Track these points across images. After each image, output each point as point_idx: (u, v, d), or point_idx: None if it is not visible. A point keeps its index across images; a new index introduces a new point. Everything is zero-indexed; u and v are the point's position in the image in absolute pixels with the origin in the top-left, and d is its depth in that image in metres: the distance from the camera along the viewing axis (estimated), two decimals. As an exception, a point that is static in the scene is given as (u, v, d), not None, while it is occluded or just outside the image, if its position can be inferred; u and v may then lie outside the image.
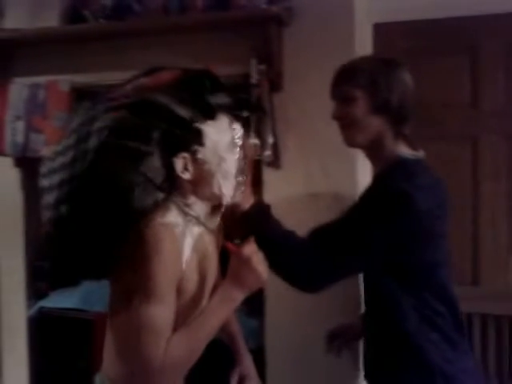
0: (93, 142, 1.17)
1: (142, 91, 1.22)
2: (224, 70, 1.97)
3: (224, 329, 1.49)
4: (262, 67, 1.90)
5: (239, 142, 1.27)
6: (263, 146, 1.94)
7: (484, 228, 2.10)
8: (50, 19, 2.16)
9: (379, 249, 1.32)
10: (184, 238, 1.21)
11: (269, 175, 2.01)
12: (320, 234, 1.40)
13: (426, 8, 2.01)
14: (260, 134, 1.94)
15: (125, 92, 1.23)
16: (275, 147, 1.96)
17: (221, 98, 1.24)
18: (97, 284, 1.42)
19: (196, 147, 1.20)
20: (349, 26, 1.87)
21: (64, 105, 2.19)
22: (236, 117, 1.30)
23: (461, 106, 2.10)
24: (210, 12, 1.95)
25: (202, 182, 1.23)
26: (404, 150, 1.40)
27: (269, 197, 2.01)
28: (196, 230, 1.25)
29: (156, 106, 1.20)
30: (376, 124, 1.39)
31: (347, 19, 1.87)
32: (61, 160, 1.22)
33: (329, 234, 1.37)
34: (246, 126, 1.91)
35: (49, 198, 1.22)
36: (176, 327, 1.18)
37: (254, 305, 2.18)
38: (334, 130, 1.89)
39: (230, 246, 1.25)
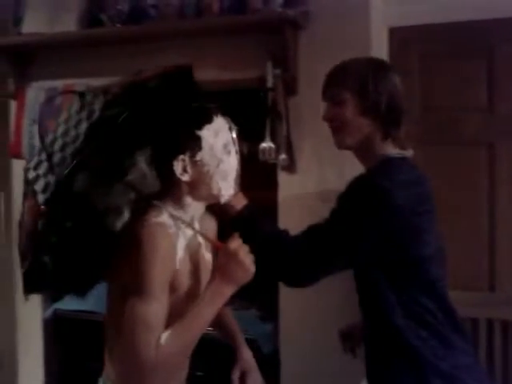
0: (83, 127, 1.25)
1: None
2: (239, 74, 1.99)
3: (222, 326, 1.52)
4: (278, 71, 1.90)
5: (235, 141, 1.30)
6: (278, 149, 1.94)
7: (500, 232, 2.08)
8: (68, 24, 2.19)
9: (360, 243, 1.34)
10: (177, 238, 1.23)
11: (284, 179, 2.01)
12: (309, 232, 1.40)
13: (442, 12, 2.00)
14: (275, 138, 1.94)
15: (111, 86, 1.32)
16: (290, 151, 1.96)
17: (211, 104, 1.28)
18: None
19: (194, 150, 1.22)
20: (365, 30, 1.87)
21: (80, 109, 2.21)
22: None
23: (477, 109, 2.08)
24: (226, 16, 1.95)
25: (200, 183, 1.25)
26: (391, 150, 1.41)
27: (283, 201, 2.02)
28: (189, 231, 1.27)
29: (151, 110, 1.23)
30: (365, 125, 1.40)
31: (363, 23, 1.87)
32: (52, 149, 1.28)
33: (316, 231, 1.38)
34: (261, 129, 1.94)
35: (37, 187, 1.26)
36: (169, 325, 1.18)
37: (268, 309, 2.18)
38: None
39: (215, 242, 1.27)
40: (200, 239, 1.33)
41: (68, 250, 1.27)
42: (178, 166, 1.22)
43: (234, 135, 1.30)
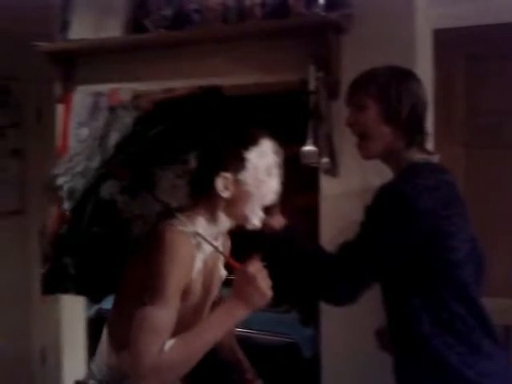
0: (113, 139, 1.25)
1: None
2: (282, 77, 1.99)
3: (223, 343, 1.54)
4: (320, 74, 1.90)
5: (279, 165, 1.32)
6: (320, 153, 1.93)
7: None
8: (113, 29, 2.23)
9: (387, 251, 1.34)
10: (198, 249, 1.25)
11: (326, 183, 2.00)
12: (342, 250, 1.41)
13: (488, 13, 1.95)
14: (317, 141, 1.94)
15: (147, 101, 1.30)
16: (332, 154, 1.95)
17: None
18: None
19: (238, 169, 1.25)
20: (409, 33, 1.84)
21: (125, 112, 2.26)
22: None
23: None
24: (269, 20, 1.96)
25: (237, 202, 1.27)
26: (415, 156, 1.42)
27: (326, 205, 2.01)
28: (209, 247, 1.29)
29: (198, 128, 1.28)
30: (387, 133, 1.42)
31: (407, 25, 1.84)
32: (79, 158, 1.30)
33: (348, 248, 1.40)
34: (303, 133, 1.93)
35: (63, 193, 1.29)
36: (175, 334, 1.20)
37: (309, 312, 2.17)
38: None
39: (234, 263, 1.27)
40: (217, 255, 1.36)
41: (90, 254, 1.32)
42: (219, 183, 1.24)
43: (279, 159, 1.32)
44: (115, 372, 1.32)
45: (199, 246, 1.26)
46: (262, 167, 1.27)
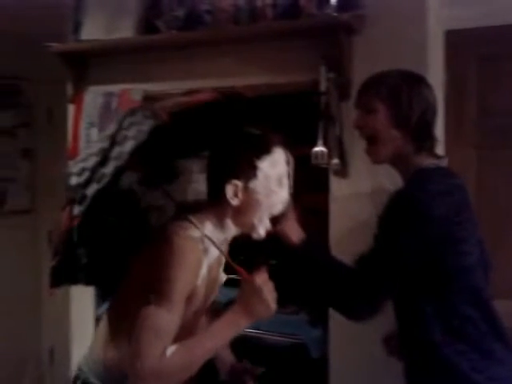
0: (128, 146, 1.24)
1: (182, 108, 1.30)
2: (293, 78, 2.00)
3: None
4: (331, 75, 1.90)
5: (290, 174, 1.31)
6: (330, 154, 1.93)
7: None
8: (125, 30, 2.24)
9: (406, 260, 1.32)
10: (205, 255, 1.25)
11: (335, 183, 2.00)
12: (359, 264, 1.40)
13: (500, 14, 1.95)
14: (327, 142, 1.94)
15: (165, 106, 1.31)
16: (342, 155, 1.95)
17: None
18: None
19: (249, 177, 1.24)
20: (421, 34, 1.83)
21: (135, 113, 2.27)
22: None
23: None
24: (280, 21, 1.96)
25: (246, 210, 1.26)
26: (425, 161, 1.41)
27: (335, 206, 2.00)
28: (216, 251, 1.29)
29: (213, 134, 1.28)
30: (396, 138, 1.41)
31: (419, 26, 1.83)
32: (94, 160, 1.29)
33: (364, 262, 1.38)
34: (313, 133, 1.94)
35: (76, 195, 1.29)
36: (175, 338, 1.20)
37: (318, 314, 2.17)
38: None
39: (243, 272, 1.27)
40: (222, 259, 1.36)
41: (104, 243, 1.32)
42: (229, 190, 1.23)
43: (290, 169, 1.31)
44: (111, 370, 1.30)
45: (206, 251, 1.26)
46: (273, 177, 1.26)
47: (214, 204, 1.27)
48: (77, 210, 1.26)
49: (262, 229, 1.29)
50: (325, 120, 1.93)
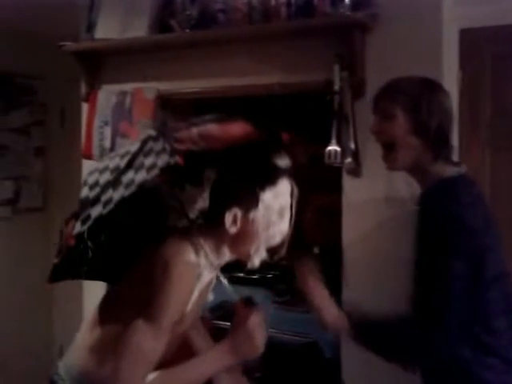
0: (140, 176, 1.19)
1: (209, 140, 1.23)
2: (306, 77, 1.99)
3: None
4: (345, 74, 1.89)
5: (293, 206, 1.28)
6: (344, 153, 1.93)
7: None
8: (139, 29, 2.24)
9: (464, 279, 1.30)
10: (198, 280, 1.23)
11: (348, 183, 1.99)
12: (422, 303, 1.36)
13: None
14: (341, 141, 1.93)
15: (191, 137, 1.23)
16: (356, 154, 1.94)
17: (284, 162, 1.26)
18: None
19: (250, 207, 1.21)
20: (435, 33, 1.82)
21: (149, 112, 2.27)
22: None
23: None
24: (294, 20, 1.96)
25: (244, 239, 1.24)
26: (446, 169, 1.40)
27: (348, 205, 2.00)
28: (209, 275, 1.28)
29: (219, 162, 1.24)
30: (414, 145, 1.40)
31: (434, 25, 1.82)
32: (107, 177, 1.23)
33: (427, 298, 1.35)
34: (326, 133, 1.93)
35: (85, 209, 1.22)
36: None
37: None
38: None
39: (239, 308, 1.26)
40: (213, 282, 1.34)
41: (116, 237, 1.30)
42: (229, 217, 1.21)
43: (294, 200, 1.28)
44: (88, 381, 1.26)
45: (199, 276, 1.23)
46: (275, 208, 1.23)
47: (213, 228, 1.25)
48: (77, 228, 1.20)
49: (257, 259, 1.26)
50: (338, 119, 1.92)
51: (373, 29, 1.89)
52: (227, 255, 1.28)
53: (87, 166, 2.44)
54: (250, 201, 1.21)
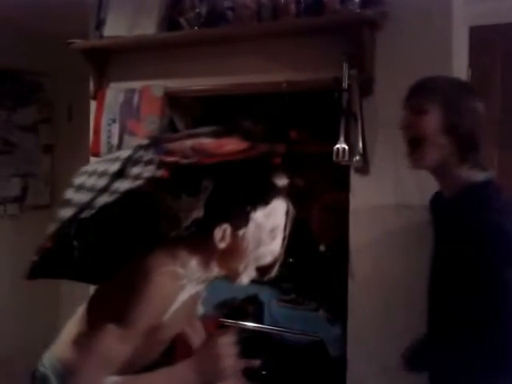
0: (125, 185, 1.18)
1: (201, 155, 1.19)
2: (315, 75, 1.99)
3: None
4: (354, 72, 1.89)
5: (287, 227, 1.25)
6: (352, 151, 1.93)
7: None
8: (147, 27, 2.25)
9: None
10: (182, 291, 1.21)
11: (356, 181, 1.98)
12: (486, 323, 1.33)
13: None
14: (349, 139, 1.93)
15: (183, 149, 1.20)
16: (364, 152, 1.94)
17: (281, 182, 1.24)
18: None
19: (239, 224, 1.19)
20: (445, 30, 1.81)
21: (157, 109, 2.28)
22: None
23: None
24: (304, 17, 1.96)
25: (232, 256, 1.22)
26: (473, 174, 1.38)
27: (356, 203, 1.99)
28: (195, 288, 1.26)
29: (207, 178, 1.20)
30: (443, 145, 1.38)
31: (444, 23, 1.81)
32: (93, 181, 1.22)
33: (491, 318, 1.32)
34: (334, 130, 1.93)
35: (67, 212, 1.22)
36: (133, 363, 1.18)
37: (337, 311, 2.16)
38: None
39: (207, 327, 1.27)
40: (201, 295, 1.32)
41: (104, 239, 1.28)
42: (218, 233, 1.19)
43: (289, 220, 1.25)
44: (68, 372, 1.25)
45: (183, 287, 1.22)
46: (266, 228, 1.21)
47: (203, 241, 1.22)
48: (53, 229, 1.20)
49: (245, 277, 1.24)
50: (346, 117, 1.92)
51: (382, 26, 1.88)
52: (216, 270, 1.26)
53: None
54: (240, 218, 1.19)
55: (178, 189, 1.21)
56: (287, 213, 1.24)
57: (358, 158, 1.93)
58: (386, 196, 1.94)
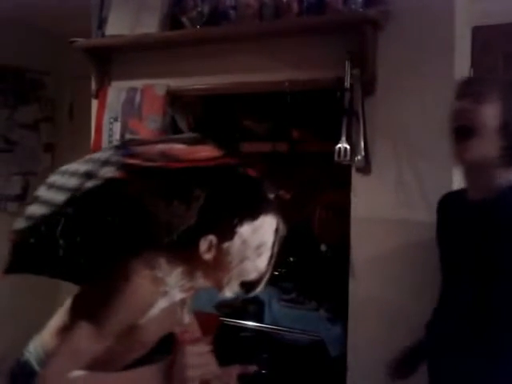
0: (89, 184, 1.18)
1: (170, 160, 1.20)
2: (317, 74, 1.99)
3: None
4: (356, 71, 1.89)
5: (276, 244, 1.23)
6: (353, 150, 1.92)
7: None
8: (149, 26, 2.25)
9: None
10: (163, 297, 1.21)
11: (358, 181, 1.98)
12: None
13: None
14: (350, 139, 1.93)
15: (150, 153, 1.21)
16: (366, 152, 1.93)
17: (270, 195, 1.24)
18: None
19: (225, 238, 1.19)
20: (448, 30, 1.81)
21: (159, 108, 2.28)
22: None
23: None
24: (306, 17, 1.96)
25: (217, 268, 1.22)
26: None
27: (357, 203, 1.99)
28: (178, 295, 1.25)
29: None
30: (492, 139, 1.32)
31: (446, 22, 1.81)
32: (64, 180, 1.23)
33: None
34: (336, 130, 1.93)
35: (35, 208, 1.23)
36: (107, 361, 1.19)
37: (337, 311, 2.16)
38: (427, 136, 1.87)
39: (181, 334, 1.22)
40: (186, 302, 1.32)
41: (92, 241, 1.27)
42: (203, 244, 1.19)
43: (278, 238, 1.23)
44: (47, 357, 1.26)
45: (165, 293, 1.22)
46: (252, 244, 1.20)
47: (188, 251, 1.22)
48: (18, 224, 1.21)
49: (228, 291, 1.23)
50: (348, 117, 1.92)
51: (384, 26, 1.88)
52: (201, 280, 1.25)
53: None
54: (225, 231, 1.19)
55: (171, 196, 1.21)
56: (276, 230, 1.23)
57: (359, 157, 1.93)
58: (388, 196, 1.94)
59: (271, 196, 1.25)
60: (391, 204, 1.94)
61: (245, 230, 1.19)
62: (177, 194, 1.21)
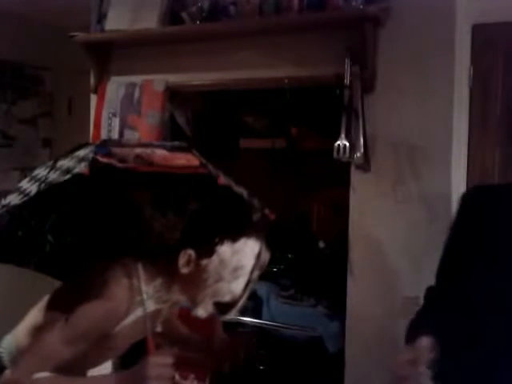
0: (53, 176, 1.18)
1: (145, 163, 1.20)
2: (316, 71, 1.99)
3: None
4: (356, 68, 1.89)
5: (256, 269, 1.21)
6: (353, 147, 1.92)
7: None
8: (149, 21, 2.24)
9: None
10: (139, 306, 1.22)
11: (357, 178, 1.99)
12: None
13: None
14: (350, 136, 1.93)
15: (126, 155, 1.20)
16: (365, 149, 1.93)
17: (255, 216, 1.25)
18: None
19: (204, 254, 1.18)
20: (448, 28, 1.82)
21: (158, 104, 2.27)
22: None
23: None
24: (306, 13, 1.95)
25: (193, 284, 1.21)
26: None
27: (356, 200, 1.99)
28: (155, 305, 1.26)
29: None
30: None
31: (447, 20, 1.82)
32: (44, 174, 1.23)
33: None
34: (335, 127, 1.93)
35: (12, 197, 1.22)
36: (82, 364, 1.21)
37: (335, 307, 2.17)
38: (426, 133, 1.88)
39: (150, 345, 1.21)
40: (162, 313, 1.32)
41: (83, 238, 1.30)
42: (182, 258, 1.19)
43: (260, 263, 1.21)
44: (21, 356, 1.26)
45: (141, 303, 1.22)
46: (230, 265, 1.18)
47: (168, 263, 1.22)
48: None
49: (201, 310, 1.22)
50: (348, 114, 1.92)
51: (385, 23, 1.88)
52: (177, 294, 1.26)
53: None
54: (205, 248, 1.18)
55: (166, 206, 1.22)
56: (258, 255, 1.20)
57: (358, 154, 1.92)
58: (387, 193, 1.94)
59: (257, 217, 1.25)
60: (390, 201, 1.94)
61: (224, 250, 1.18)
62: (172, 205, 1.23)
